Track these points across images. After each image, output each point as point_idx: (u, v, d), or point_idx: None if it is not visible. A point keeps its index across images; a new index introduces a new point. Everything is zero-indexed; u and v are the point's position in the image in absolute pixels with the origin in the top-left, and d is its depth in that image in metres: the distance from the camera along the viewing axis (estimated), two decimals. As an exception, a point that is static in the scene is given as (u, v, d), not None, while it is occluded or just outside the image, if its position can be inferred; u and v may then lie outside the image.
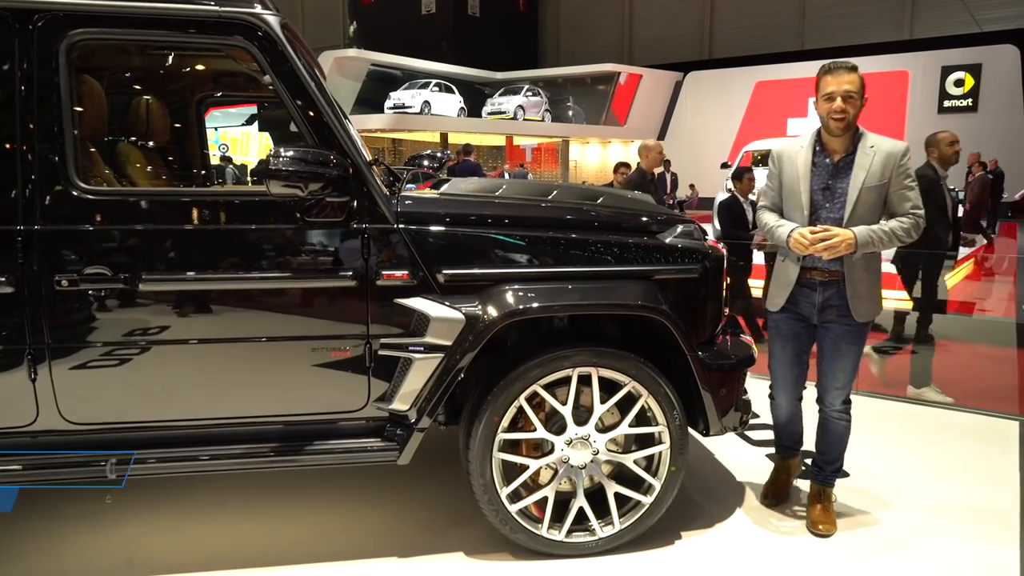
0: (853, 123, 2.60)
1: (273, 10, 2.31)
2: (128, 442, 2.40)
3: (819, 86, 2.63)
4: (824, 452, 2.88)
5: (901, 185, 2.61)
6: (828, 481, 2.90)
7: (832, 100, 2.56)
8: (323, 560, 2.63)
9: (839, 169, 2.64)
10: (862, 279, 2.64)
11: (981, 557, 2.69)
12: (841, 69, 2.58)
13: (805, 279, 2.72)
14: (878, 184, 2.58)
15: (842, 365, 2.72)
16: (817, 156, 2.69)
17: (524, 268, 2.49)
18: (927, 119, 20.60)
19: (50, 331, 2.24)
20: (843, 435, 2.83)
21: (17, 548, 2.69)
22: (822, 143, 2.69)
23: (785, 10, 25.39)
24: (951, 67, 20.87)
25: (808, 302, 2.73)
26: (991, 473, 3.41)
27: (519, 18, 30.17)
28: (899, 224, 2.59)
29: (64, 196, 2.21)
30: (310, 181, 2.21)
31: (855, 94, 2.56)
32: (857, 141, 2.63)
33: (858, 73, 2.58)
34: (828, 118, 2.58)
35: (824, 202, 2.65)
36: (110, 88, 2.90)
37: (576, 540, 2.63)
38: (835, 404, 2.79)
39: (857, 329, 2.69)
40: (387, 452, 2.47)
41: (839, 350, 2.71)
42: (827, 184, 2.65)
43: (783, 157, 2.76)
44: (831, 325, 2.70)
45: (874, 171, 2.58)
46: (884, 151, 2.59)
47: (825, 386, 2.80)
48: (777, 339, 2.84)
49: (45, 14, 2.16)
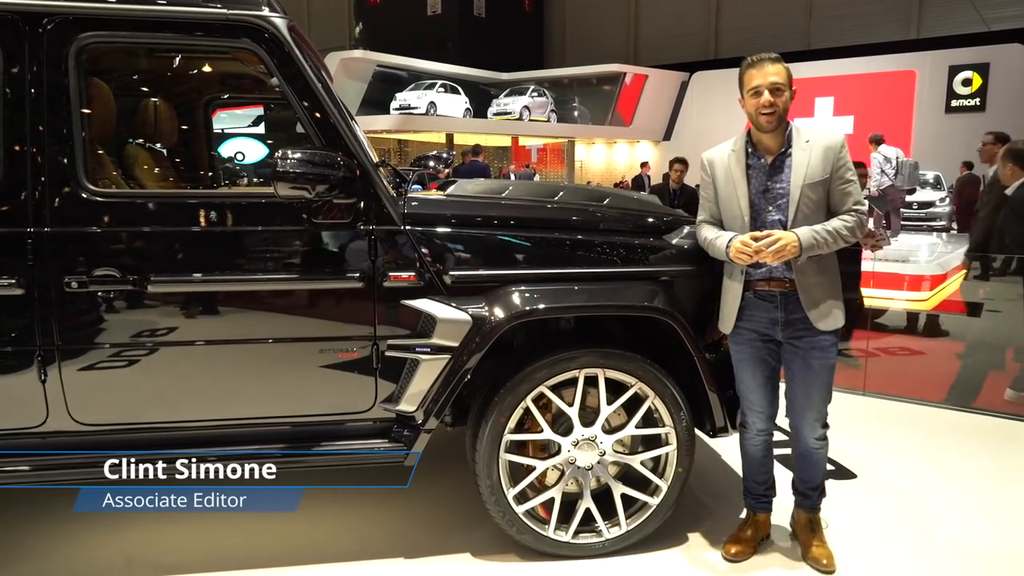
0: (784, 117, 2.41)
1: (280, 12, 2.32)
2: (137, 443, 2.41)
3: (743, 82, 2.45)
4: (806, 479, 2.65)
5: (842, 180, 2.41)
6: (815, 506, 2.68)
7: (759, 94, 2.38)
8: (330, 561, 2.64)
9: (775, 168, 2.44)
10: (817, 284, 2.42)
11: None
12: (765, 61, 2.40)
13: (761, 291, 2.47)
14: (820, 180, 2.39)
15: (816, 385, 2.47)
16: (751, 157, 2.48)
17: (530, 269, 2.49)
18: (935, 119, 20.50)
19: (60, 332, 2.25)
20: (824, 460, 2.61)
21: (27, 548, 2.70)
22: (753, 143, 2.49)
23: (791, 10, 25.29)
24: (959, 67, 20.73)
25: (768, 318, 2.47)
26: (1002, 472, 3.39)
27: (525, 19, 30.14)
28: (842, 223, 2.38)
29: (73, 198, 2.22)
30: (317, 183, 2.21)
31: (782, 86, 2.38)
32: (790, 136, 2.44)
33: (783, 64, 2.40)
34: (757, 114, 2.40)
35: (766, 205, 2.44)
36: (119, 90, 2.91)
37: (583, 541, 2.63)
38: (814, 434, 2.53)
39: (824, 340, 2.44)
40: (394, 453, 2.47)
41: (810, 367, 2.46)
42: (765, 186, 2.45)
43: (715, 163, 2.55)
44: (797, 341, 2.46)
45: (814, 167, 2.39)
46: (822, 145, 2.40)
47: (800, 413, 2.53)
48: (743, 364, 2.56)
49: (55, 17, 2.18)
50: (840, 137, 2.44)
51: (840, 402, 4.45)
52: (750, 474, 2.71)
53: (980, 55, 20.41)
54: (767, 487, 2.72)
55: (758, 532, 2.72)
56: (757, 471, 2.69)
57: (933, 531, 2.87)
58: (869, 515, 3.00)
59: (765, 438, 2.63)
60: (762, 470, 2.69)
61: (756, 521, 2.73)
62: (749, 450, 2.67)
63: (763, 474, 2.70)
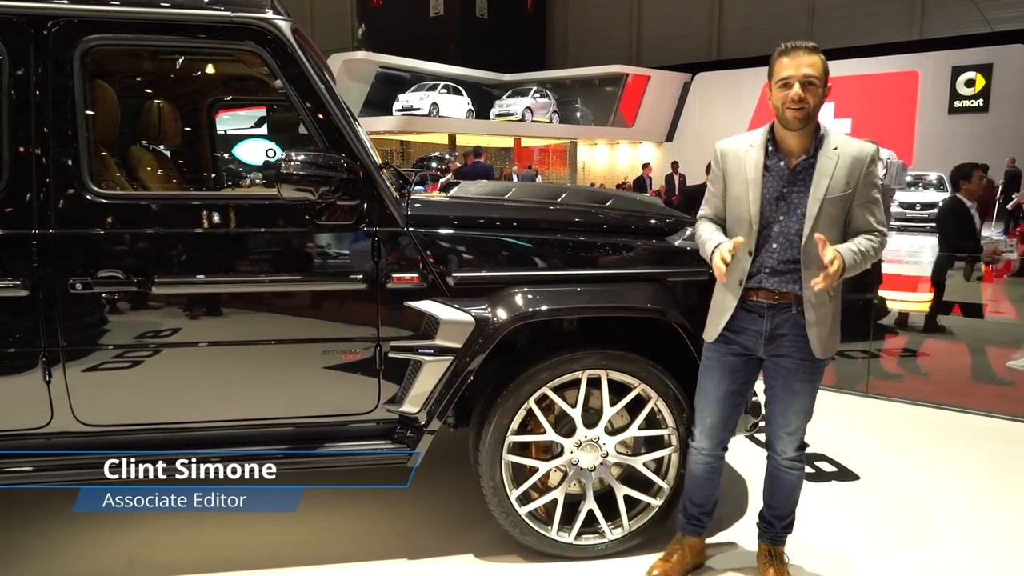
0: (814, 116, 2.15)
1: (284, 15, 2.32)
2: (141, 444, 2.42)
3: (773, 71, 2.16)
4: (774, 506, 2.46)
5: (868, 198, 2.17)
6: (779, 539, 2.50)
7: (789, 87, 2.10)
8: (333, 562, 2.64)
9: (796, 175, 2.18)
10: (824, 303, 2.18)
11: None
12: (800, 50, 2.11)
13: (749, 302, 2.25)
14: (842, 195, 2.14)
15: (795, 407, 2.29)
16: (770, 158, 2.21)
17: (533, 271, 2.49)
18: (938, 120, 20.49)
19: (64, 334, 2.26)
20: (795, 486, 2.42)
21: (30, 548, 2.71)
22: (776, 142, 2.22)
23: (794, 10, 25.28)
24: (962, 67, 20.72)
25: (753, 330, 2.26)
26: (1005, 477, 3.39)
27: (527, 20, 30.16)
28: (869, 244, 2.16)
29: (78, 200, 2.23)
30: (321, 184, 2.22)
31: (817, 80, 2.10)
32: (819, 142, 2.18)
33: (820, 56, 2.12)
34: (784, 108, 2.12)
35: (777, 214, 2.19)
36: (123, 92, 2.92)
37: (586, 542, 2.63)
38: (787, 452, 2.36)
39: (814, 364, 2.24)
40: (397, 454, 2.48)
41: (792, 389, 2.27)
42: (781, 192, 2.19)
43: (728, 157, 2.28)
44: (782, 360, 2.25)
45: (838, 179, 2.13)
46: (850, 155, 2.15)
47: (775, 431, 2.37)
48: (709, 373, 2.35)
49: (60, 20, 2.19)
50: (872, 149, 2.18)
51: (843, 404, 4.47)
52: (688, 492, 2.51)
53: (983, 56, 20.39)
54: (703, 511, 2.51)
55: (685, 557, 2.52)
56: (695, 491, 2.48)
57: (935, 533, 2.87)
58: (871, 516, 3.00)
59: (708, 460, 2.42)
60: (701, 492, 2.47)
61: (684, 544, 2.54)
62: (691, 468, 2.46)
63: (701, 496, 2.48)
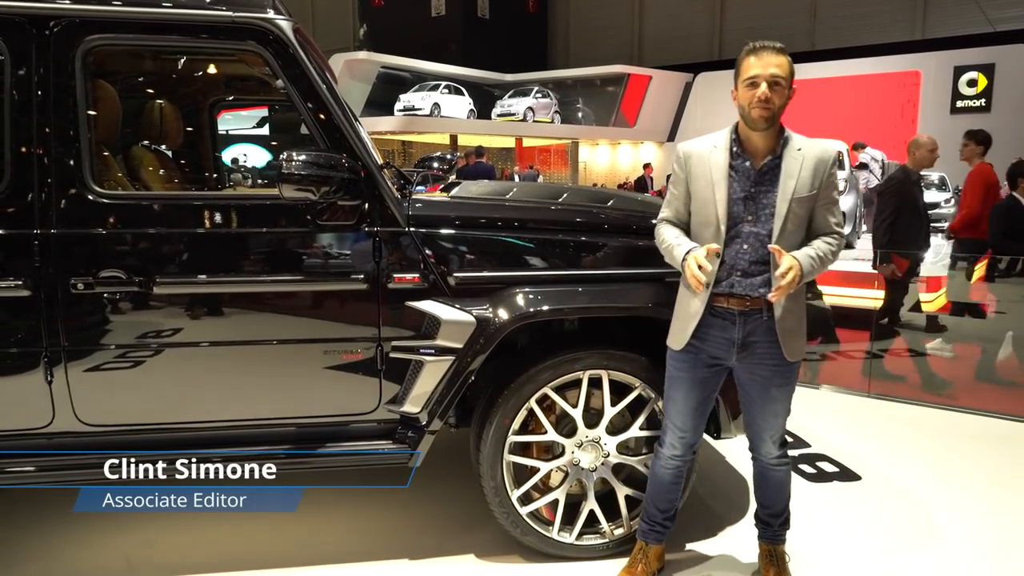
0: (779, 117, 2.16)
1: (285, 15, 2.33)
2: (142, 444, 2.42)
3: (740, 70, 2.17)
4: (767, 505, 2.47)
5: (829, 199, 2.20)
6: (778, 537, 2.50)
7: (756, 86, 2.11)
8: (333, 562, 2.64)
9: (763, 175, 2.18)
10: (791, 310, 2.20)
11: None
12: (768, 50, 2.13)
13: (718, 308, 2.22)
14: (808, 195, 2.16)
15: (775, 411, 2.30)
16: (735, 159, 2.21)
17: (535, 271, 2.49)
18: (940, 120, 20.43)
19: (66, 334, 2.26)
20: (785, 482, 2.43)
21: (32, 548, 2.71)
22: (741, 142, 2.22)
23: (796, 10, 25.26)
24: (964, 67, 20.68)
25: (724, 338, 2.23)
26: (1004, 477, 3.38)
27: (529, 20, 30.16)
28: (828, 247, 2.18)
29: (79, 200, 2.23)
30: (322, 184, 2.22)
31: (783, 81, 2.12)
32: (784, 142, 2.19)
33: (787, 57, 2.14)
34: (750, 108, 2.12)
35: (745, 215, 2.18)
36: (124, 92, 2.93)
37: (587, 543, 2.63)
38: (772, 452, 2.37)
39: (787, 368, 2.24)
40: (398, 454, 2.48)
41: (770, 395, 2.27)
42: (748, 192, 2.18)
43: (693, 158, 2.26)
44: (758, 368, 2.24)
45: (804, 180, 2.15)
46: (814, 156, 2.17)
47: (758, 435, 2.37)
48: (678, 384, 2.32)
49: (61, 20, 2.19)
50: (834, 151, 2.22)
51: (845, 404, 4.47)
52: (653, 498, 2.47)
53: (985, 56, 20.36)
54: (666, 516, 2.48)
55: (650, 565, 2.50)
56: (661, 497, 2.45)
57: (937, 534, 2.87)
58: (873, 517, 3.00)
59: (679, 464, 2.41)
60: (667, 497, 2.46)
61: (647, 553, 2.51)
62: (658, 472, 2.43)
63: (667, 501, 2.46)
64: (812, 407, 4.38)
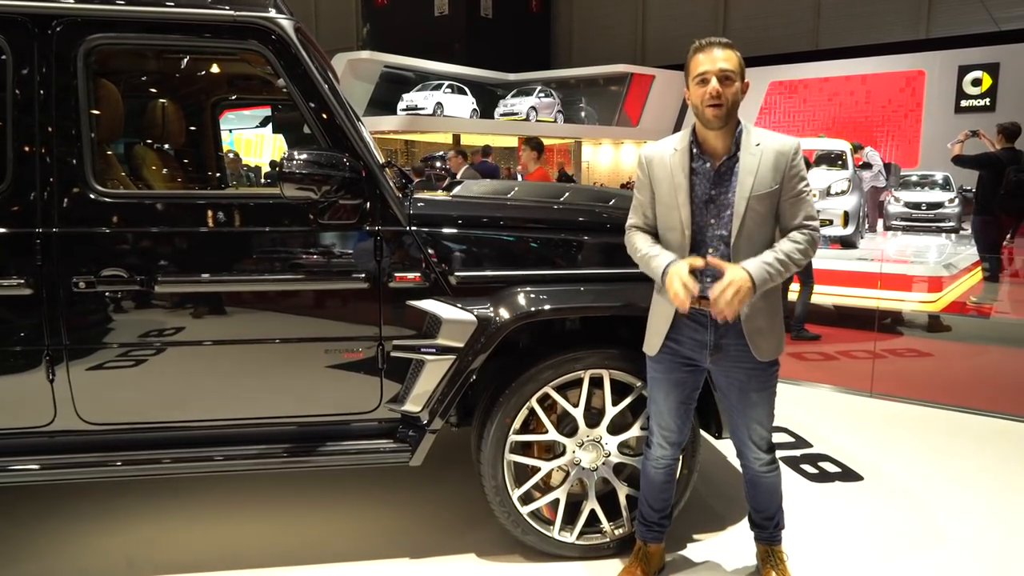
0: (733, 113, 2.11)
1: (287, 14, 2.33)
2: (143, 442, 2.43)
3: (689, 68, 2.13)
4: (760, 509, 2.45)
5: (794, 191, 2.13)
6: (774, 539, 2.48)
7: (706, 82, 2.07)
8: (335, 561, 2.64)
9: (721, 175, 2.14)
10: (761, 309, 2.16)
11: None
12: (715, 45, 2.09)
13: (691, 310, 2.16)
14: (769, 191, 2.11)
15: (756, 416, 2.27)
16: (696, 160, 2.17)
17: (536, 270, 2.49)
18: (944, 119, 20.38)
19: (67, 332, 2.27)
20: (776, 486, 2.40)
21: (33, 546, 2.72)
22: (699, 143, 2.18)
23: (799, 9, 25.20)
24: (968, 66, 20.63)
25: (695, 341, 2.21)
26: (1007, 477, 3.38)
27: (532, 19, 30.14)
28: (794, 246, 2.11)
29: (81, 199, 2.24)
30: (323, 183, 2.22)
31: (733, 74, 2.07)
32: (739, 138, 2.15)
33: (735, 50, 2.10)
34: (703, 107, 2.08)
35: (709, 217, 2.15)
36: (127, 91, 2.93)
37: (588, 542, 2.63)
38: (761, 458, 2.34)
39: (763, 371, 2.22)
40: (399, 453, 2.48)
41: (749, 400, 2.25)
42: (709, 195, 2.15)
43: (654, 162, 2.22)
44: (732, 371, 2.23)
45: (763, 175, 2.10)
46: (773, 150, 2.12)
47: (743, 441, 2.34)
48: (658, 387, 2.32)
49: (64, 19, 2.19)
50: (794, 142, 2.16)
51: (847, 404, 4.46)
52: (647, 498, 2.46)
53: (990, 55, 20.30)
54: (662, 515, 2.48)
55: (649, 566, 2.49)
56: (655, 497, 2.44)
57: (939, 534, 2.86)
58: (874, 518, 2.99)
59: (669, 463, 2.40)
60: (660, 496, 2.45)
61: (647, 554, 2.50)
62: (650, 473, 2.42)
63: (661, 501, 2.46)
64: (814, 407, 4.37)
